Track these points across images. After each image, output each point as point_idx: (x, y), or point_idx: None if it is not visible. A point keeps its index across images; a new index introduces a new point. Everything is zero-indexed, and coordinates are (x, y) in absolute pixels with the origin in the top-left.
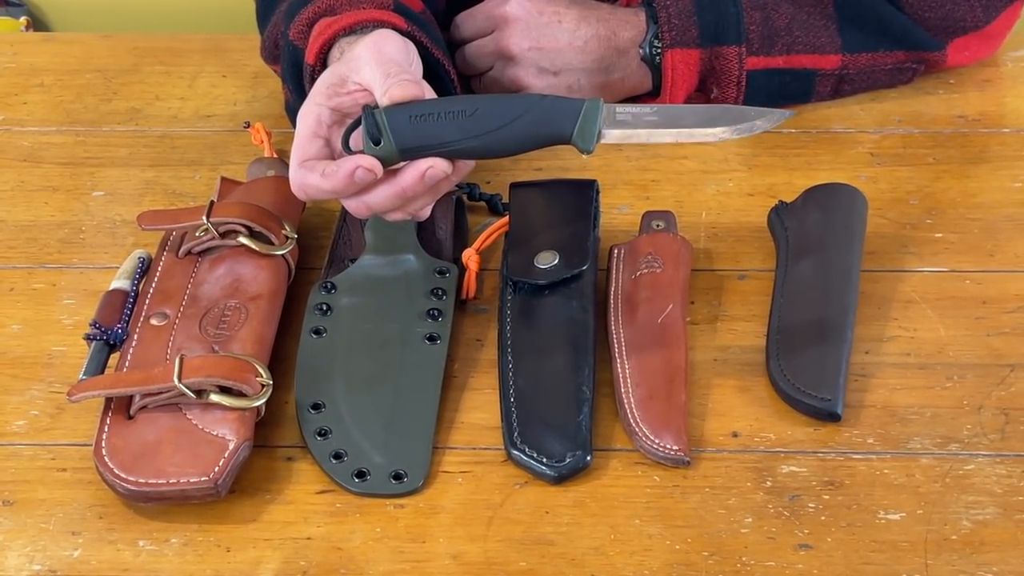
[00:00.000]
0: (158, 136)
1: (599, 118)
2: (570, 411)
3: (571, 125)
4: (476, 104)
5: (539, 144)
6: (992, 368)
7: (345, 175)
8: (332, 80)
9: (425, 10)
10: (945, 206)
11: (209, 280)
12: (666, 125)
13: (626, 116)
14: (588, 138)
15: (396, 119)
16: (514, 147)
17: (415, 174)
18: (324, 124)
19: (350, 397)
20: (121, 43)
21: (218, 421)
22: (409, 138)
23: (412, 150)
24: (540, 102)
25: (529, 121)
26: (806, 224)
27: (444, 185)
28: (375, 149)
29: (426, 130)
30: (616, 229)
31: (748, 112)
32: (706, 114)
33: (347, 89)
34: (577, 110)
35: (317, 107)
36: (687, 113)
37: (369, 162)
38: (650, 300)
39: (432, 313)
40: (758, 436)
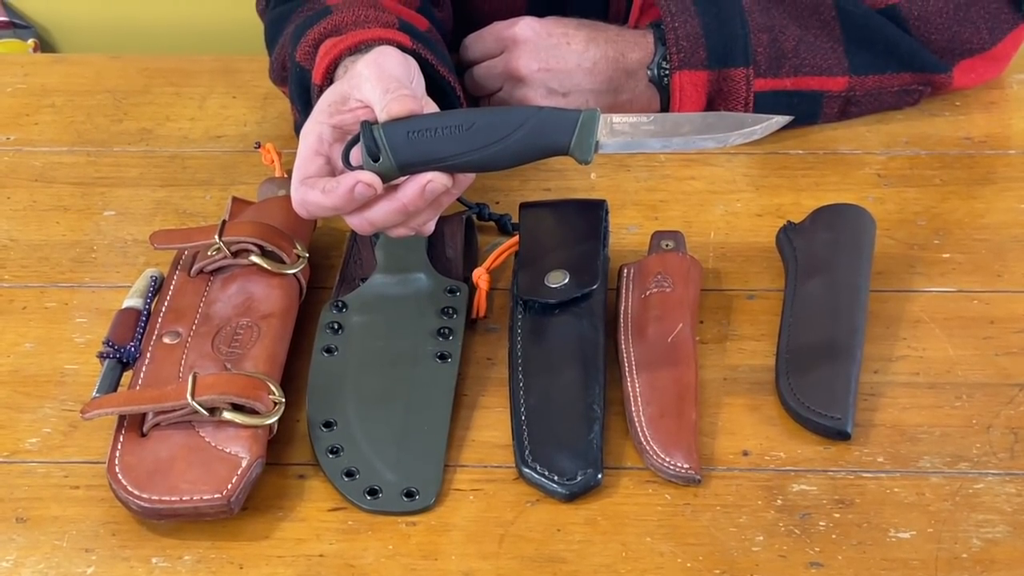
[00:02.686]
0: (168, 156)
1: (596, 128)
2: (581, 429)
3: (568, 136)
4: (473, 118)
5: (537, 156)
6: (1001, 388)
7: (345, 191)
8: (334, 98)
9: (431, 28)
10: (952, 227)
11: (221, 299)
12: (664, 134)
13: (624, 126)
14: (586, 149)
15: (394, 135)
16: (512, 159)
17: (415, 189)
18: (325, 142)
19: (362, 415)
20: (131, 64)
21: (231, 439)
22: (408, 153)
23: (411, 165)
24: (537, 114)
25: (526, 133)
26: (815, 244)
27: (445, 199)
28: (374, 165)
29: (424, 145)
30: (625, 249)
31: (745, 119)
32: (702, 122)
33: (349, 107)
34: (574, 121)
35: (318, 125)
36: (684, 121)
37: (368, 178)
38: (660, 319)
39: (443, 332)
40: (768, 455)
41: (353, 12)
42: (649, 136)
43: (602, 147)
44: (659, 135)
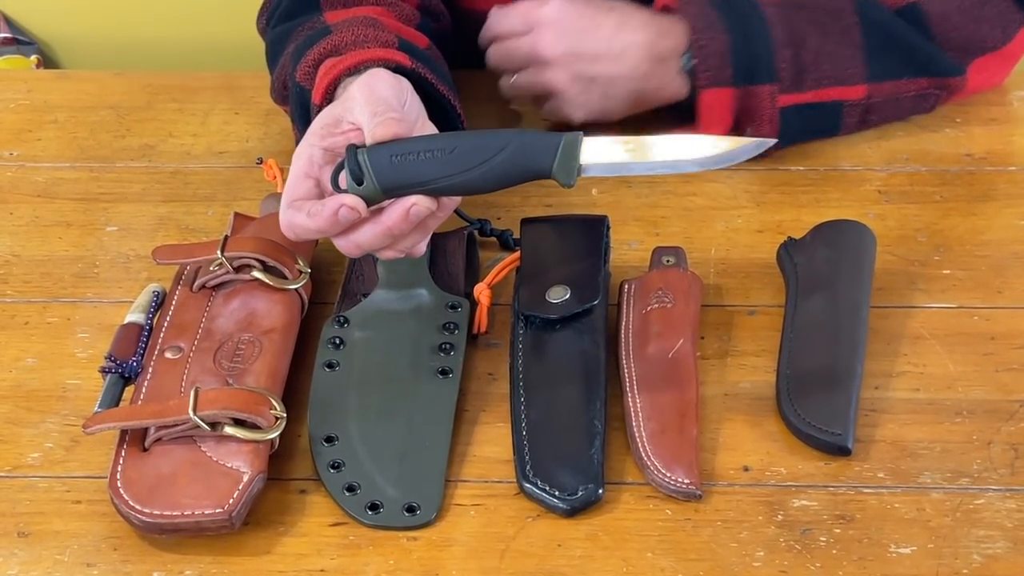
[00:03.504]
0: (171, 172)
1: (579, 152)
2: (582, 445)
3: (550, 160)
4: (456, 142)
5: (520, 179)
6: (1001, 404)
7: (329, 214)
8: (327, 120)
9: (431, 46)
10: (953, 243)
11: (223, 314)
12: (645, 157)
13: (606, 149)
14: (568, 172)
15: (378, 158)
16: (495, 183)
17: (399, 212)
18: (316, 164)
19: (363, 430)
20: (134, 80)
21: (232, 453)
22: (391, 177)
23: (395, 188)
24: (519, 137)
25: (508, 157)
26: (815, 260)
27: (431, 222)
28: (358, 188)
29: (408, 168)
30: (626, 265)
31: (726, 142)
32: (683, 144)
33: (341, 129)
34: (556, 145)
35: (310, 147)
36: (664, 144)
37: (352, 201)
38: (661, 335)
39: (444, 347)
40: (769, 470)
41: (352, 32)
42: (630, 159)
43: (585, 170)
44: (641, 157)
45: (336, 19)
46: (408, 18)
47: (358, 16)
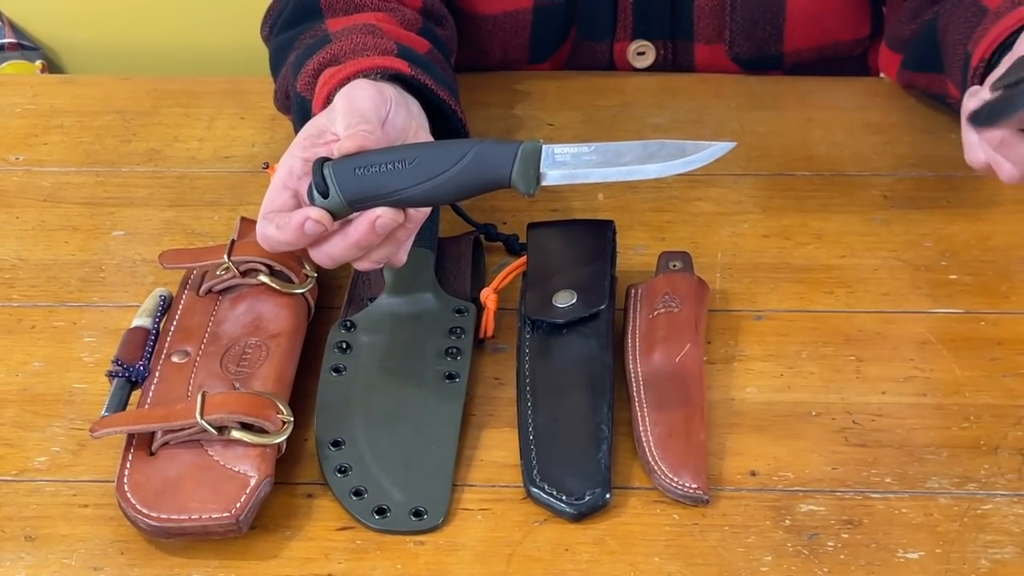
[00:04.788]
0: (177, 177)
1: (538, 160)
2: (589, 449)
3: (508, 169)
4: (416, 152)
5: (481, 189)
6: (1008, 409)
7: (296, 227)
8: (311, 131)
9: (432, 49)
10: (959, 248)
11: (230, 318)
12: (606, 164)
13: (565, 157)
14: (528, 181)
15: (342, 172)
16: (456, 193)
17: (365, 224)
18: (295, 175)
19: (370, 434)
20: (140, 85)
21: (239, 457)
22: (355, 190)
23: (360, 201)
24: (478, 146)
25: (466, 167)
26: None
27: (401, 233)
28: (324, 201)
29: (371, 181)
30: (632, 269)
31: (687, 146)
32: (644, 150)
33: (324, 140)
34: (514, 153)
35: (291, 158)
36: (626, 150)
37: (317, 214)
38: (667, 340)
39: (451, 351)
40: (776, 475)
41: (352, 40)
42: (592, 166)
43: (545, 179)
44: (601, 165)
45: (337, 27)
46: (410, 23)
47: (358, 24)
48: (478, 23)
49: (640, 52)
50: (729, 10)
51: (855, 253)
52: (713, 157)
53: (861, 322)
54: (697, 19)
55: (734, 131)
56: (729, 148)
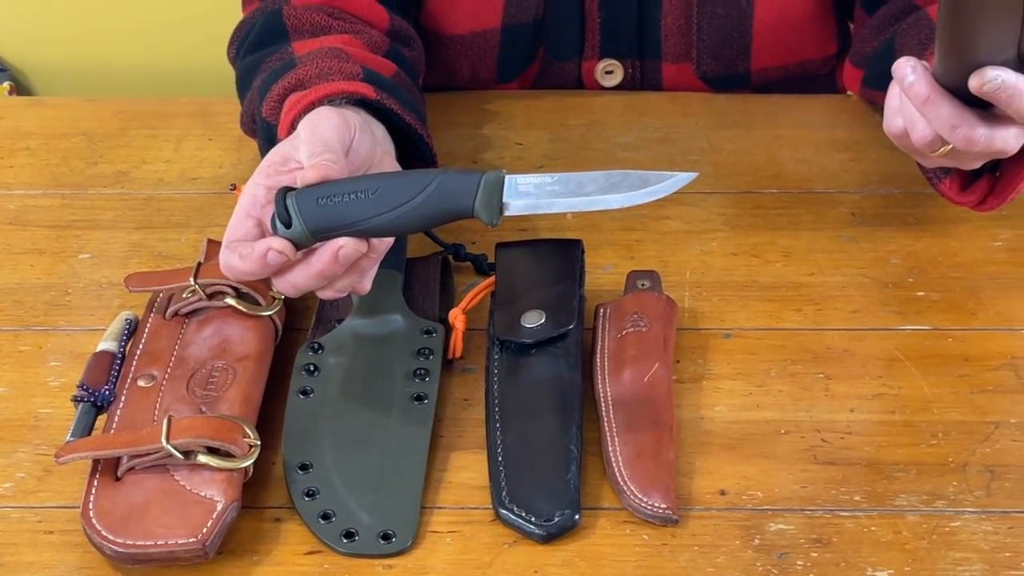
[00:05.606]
0: (144, 199)
1: (501, 190)
2: (558, 470)
3: (471, 199)
4: (379, 183)
5: (444, 219)
6: (976, 425)
7: (258, 257)
8: (275, 159)
9: (398, 72)
10: (927, 265)
11: (196, 341)
12: (568, 194)
13: (528, 187)
14: (491, 211)
15: (304, 202)
16: (419, 223)
17: (328, 255)
18: (258, 204)
19: (338, 457)
20: (107, 107)
21: (206, 482)
22: (318, 219)
23: (323, 231)
24: (439, 176)
25: (429, 197)
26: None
27: (365, 263)
28: (287, 232)
29: (333, 211)
30: (601, 289)
31: (649, 177)
32: (607, 181)
33: (288, 168)
34: (477, 183)
35: (254, 186)
36: (588, 181)
37: (280, 245)
38: (636, 359)
39: (419, 373)
40: (745, 494)
41: (317, 65)
42: (554, 196)
43: (508, 209)
44: (564, 195)
45: (303, 50)
46: (376, 46)
47: (324, 47)
48: (446, 43)
49: (608, 71)
50: (696, 29)
51: (823, 271)
52: (675, 188)
53: (830, 340)
54: (664, 38)
55: (702, 149)
56: (691, 179)
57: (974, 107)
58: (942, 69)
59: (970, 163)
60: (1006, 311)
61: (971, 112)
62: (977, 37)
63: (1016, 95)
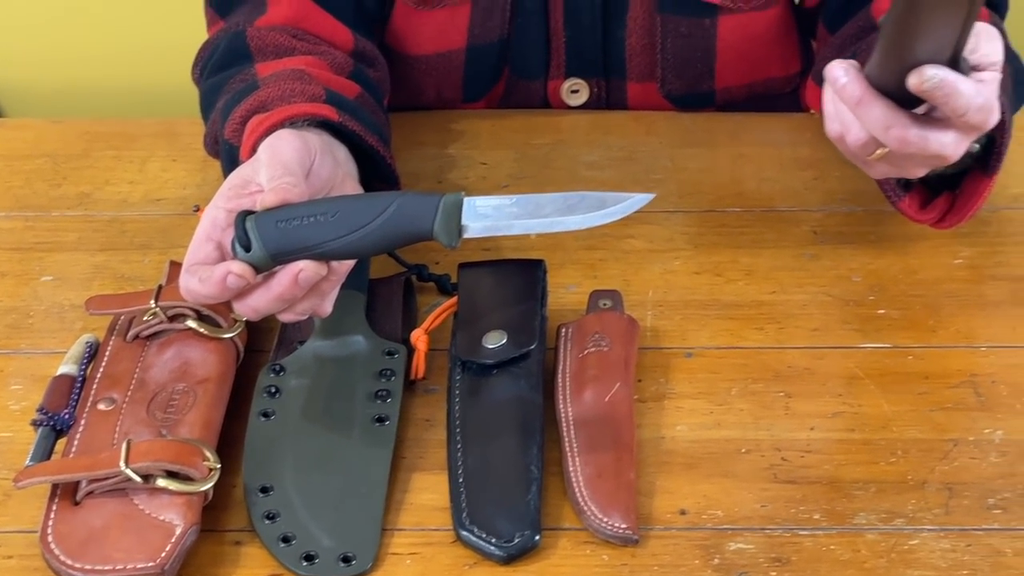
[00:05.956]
0: (107, 220)
1: (460, 212)
2: (519, 490)
3: (430, 221)
4: (339, 206)
5: (403, 241)
6: (935, 443)
7: (218, 281)
8: (236, 181)
9: (362, 93)
10: (887, 283)
11: (157, 364)
12: (527, 216)
13: (487, 209)
14: (451, 233)
15: (264, 225)
16: (378, 246)
17: (288, 278)
18: (219, 227)
19: (299, 480)
20: (72, 128)
21: (165, 506)
22: (278, 243)
23: (283, 254)
24: (399, 199)
25: (388, 220)
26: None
27: (325, 286)
28: (246, 255)
29: (293, 234)
30: (564, 308)
31: (607, 198)
32: (564, 203)
33: (249, 191)
34: (436, 205)
35: (215, 209)
36: (547, 202)
37: (239, 268)
38: (597, 379)
39: (381, 394)
40: (705, 513)
41: (280, 86)
42: (513, 218)
43: (467, 231)
44: (522, 217)
45: (267, 72)
46: (340, 67)
47: (287, 69)
48: (411, 64)
49: (574, 90)
50: (660, 49)
51: (785, 289)
52: (632, 209)
53: (791, 358)
54: (629, 58)
55: (666, 168)
56: (647, 200)
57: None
58: (879, 70)
59: (912, 169)
60: (966, 328)
61: (905, 113)
62: (922, 34)
63: (953, 93)
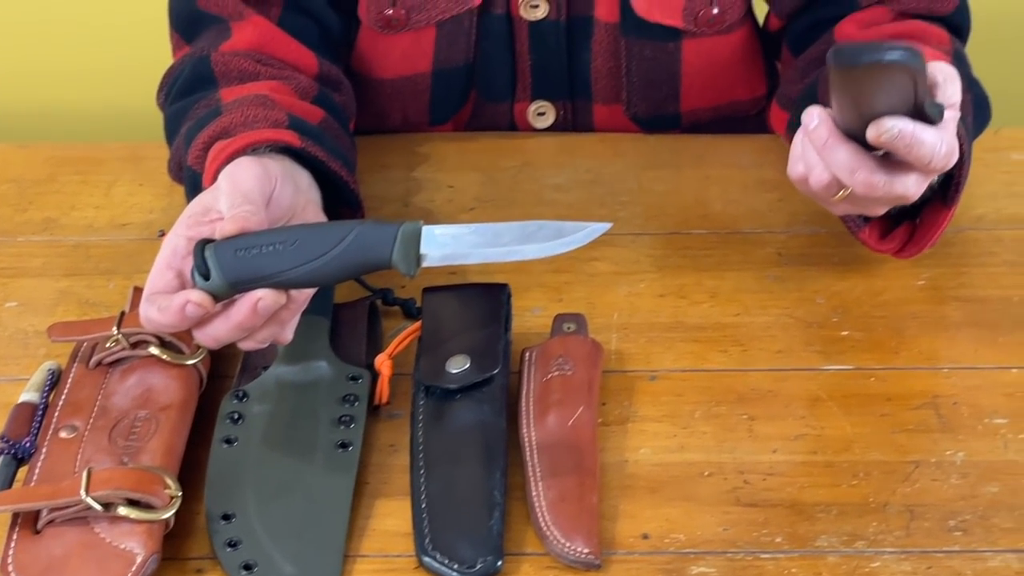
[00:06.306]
0: (72, 245)
1: (419, 241)
2: (481, 516)
3: (388, 250)
4: (297, 234)
5: (362, 270)
6: (897, 465)
7: (177, 310)
8: (197, 209)
9: (326, 118)
10: (850, 304)
11: (119, 391)
12: (485, 244)
13: (446, 238)
14: (409, 262)
15: (223, 254)
16: (337, 275)
17: (247, 307)
18: (179, 255)
19: (261, 507)
20: (37, 153)
21: (126, 534)
22: (236, 272)
23: (242, 283)
24: (357, 228)
25: (347, 249)
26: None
27: (285, 314)
28: (205, 284)
29: (251, 263)
30: (530, 331)
31: (565, 227)
32: (523, 231)
33: (209, 218)
34: (394, 234)
35: (175, 237)
36: (505, 231)
37: (198, 297)
38: (561, 403)
39: (344, 420)
40: (668, 537)
41: (243, 112)
42: (471, 247)
43: (425, 260)
44: (481, 246)
45: (230, 97)
46: (304, 92)
47: (250, 95)
48: (377, 87)
49: (540, 112)
50: (625, 72)
51: (749, 311)
52: (589, 238)
53: (754, 380)
54: (595, 80)
55: (632, 190)
56: (605, 229)
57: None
58: (839, 116)
59: (873, 209)
60: (928, 350)
61: (870, 157)
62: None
63: (915, 144)
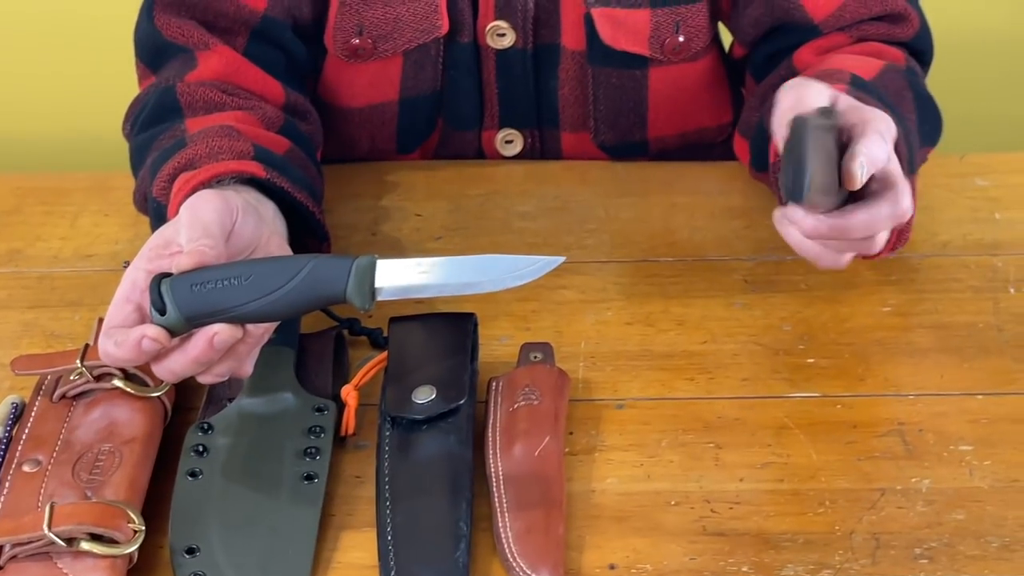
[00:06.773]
0: (37, 277)
1: (373, 275)
2: (447, 547)
3: (343, 284)
4: (252, 269)
5: (318, 304)
6: (863, 493)
7: (133, 345)
8: (158, 242)
9: (292, 148)
10: (817, 331)
11: (83, 424)
12: (440, 278)
13: (400, 271)
14: (363, 296)
15: (179, 289)
16: (292, 308)
17: (203, 341)
18: (139, 288)
19: (225, 540)
20: (2, 183)
21: (89, 569)
22: (192, 306)
23: (198, 318)
24: (311, 262)
25: (301, 283)
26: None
27: (242, 348)
28: (161, 319)
29: (207, 297)
30: (497, 361)
31: (519, 261)
32: (477, 265)
33: (170, 251)
34: (347, 269)
35: (135, 271)
36: (460, 264)
37: (154, 332)
38: (528, 433)
39: (310, 452)
40: (635, 567)
41: (208, 143)
42: (426, 280)
43: (380, 294)
44: (436, 279)
45: (196, 128)
46: (270, 122)
47: (215, 125)
48: (344, 116)
49: (508, 140)
50: (592, 99)
51: (716, 339)
52: (543, 272)
53: (721, 408)
54: (562, 108)
55: (599, 218)
56: (558, 263)
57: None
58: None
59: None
60: (893, 376)
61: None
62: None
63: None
